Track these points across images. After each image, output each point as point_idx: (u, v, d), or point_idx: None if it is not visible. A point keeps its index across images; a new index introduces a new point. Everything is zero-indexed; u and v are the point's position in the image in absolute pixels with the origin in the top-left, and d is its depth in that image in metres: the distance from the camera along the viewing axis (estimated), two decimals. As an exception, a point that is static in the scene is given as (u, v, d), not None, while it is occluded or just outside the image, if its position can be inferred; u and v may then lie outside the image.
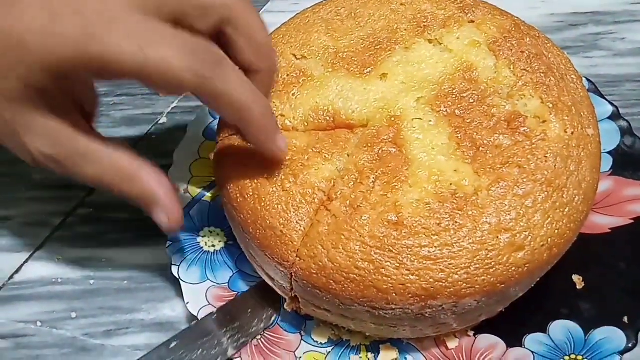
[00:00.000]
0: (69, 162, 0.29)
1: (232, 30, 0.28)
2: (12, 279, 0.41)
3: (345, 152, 0.32)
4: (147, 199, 0.31)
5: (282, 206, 0.31)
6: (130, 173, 0.30)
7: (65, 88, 0.28)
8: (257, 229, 0.32)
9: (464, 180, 0.31)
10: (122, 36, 0.25)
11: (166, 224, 0.31)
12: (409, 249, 0.29)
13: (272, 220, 0.31)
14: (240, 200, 0.32)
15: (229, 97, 0.27)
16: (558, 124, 0.32)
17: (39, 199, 0.44)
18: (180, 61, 0.25)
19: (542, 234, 0.30)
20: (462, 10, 0.36)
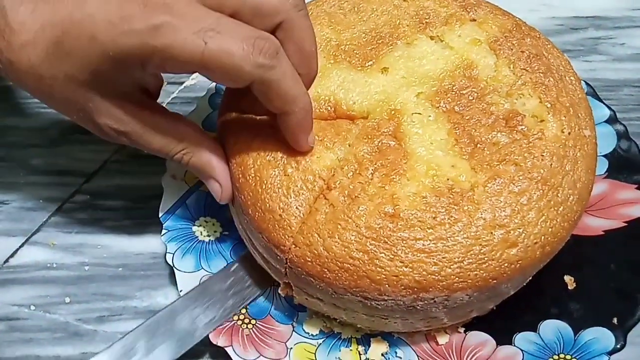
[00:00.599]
0: (136, 136, 0.31)
1: (284, 35, 0.29)
2: (7, 262, 0.41)
3: (347, 142, 0.32)
4: (206, 170, 0.33)
5: (283, 190, 0.31)
6: (193, 144, 0.32)
7: (132, 74, 0.30)
8: (257, 211, 0.32)
9: (461, 176, 0.31)
10: (186, 30, 0.26)
11: (219, 194, 0.33)
12: (404, 241, 0.29)
13: (271, 204, 0.31)
14: (242, 181, 0.33)
15: (282, 88, 0.29)
16: (555, 124, 0.33)
17: (36, 184, 0.44)
18: (240, 52, 0.26)
19: (536, 232, 0.30)
20: (464, 8, 0.36)
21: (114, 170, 0.44)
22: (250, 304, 0.36)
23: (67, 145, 0.46)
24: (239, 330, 0.35)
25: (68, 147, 0.46)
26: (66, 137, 0.46)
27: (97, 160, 0.45)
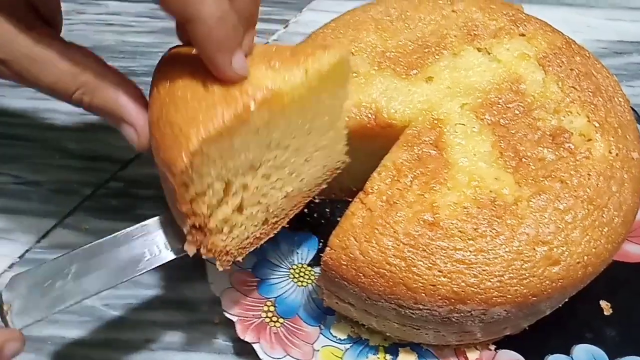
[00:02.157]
0: (19, 65, 0.26)
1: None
2: (39, 243, 0.42)
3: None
4: (114, 111, 0.27)
5: (194, 103, 0.25)
6: (91, 80, 0.26)
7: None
8: (157, 129, 0.26)
9: (505, 189, 0.30)
10: None
11: (135, 139, 0.28)
12: (443, 251, 0.29)
13: (175, 116, 0.25)
14: (155, 94, 0.27)
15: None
16: (603, 144, 0.32)
17: (69, 167, 0.45)
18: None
19: (579, 251, 0.30)
20: (513, 22, 0.36)
21: (149, 159, 0.44)
22: (278, 303, 0.36)
23: (104, 131, 0.47)
24: (266, 328, 0.34)
25: (104, 133, 0.46)
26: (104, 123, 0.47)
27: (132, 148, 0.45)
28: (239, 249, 0.30)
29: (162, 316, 0.38)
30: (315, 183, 0.34)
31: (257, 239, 0.31)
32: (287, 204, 0.32)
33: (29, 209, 0.43)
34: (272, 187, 0.30)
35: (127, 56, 0.52)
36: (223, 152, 0.26)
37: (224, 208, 0.28)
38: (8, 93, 0.50)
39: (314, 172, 0.33)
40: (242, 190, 0.29)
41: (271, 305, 0.36)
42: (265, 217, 0.31)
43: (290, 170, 0.31)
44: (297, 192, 0.32)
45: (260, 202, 0.30)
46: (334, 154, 0.33)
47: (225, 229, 0.29)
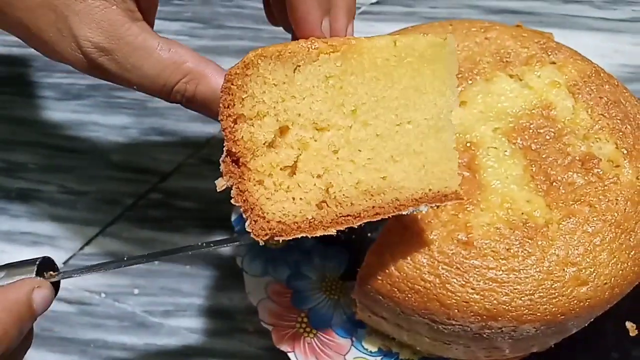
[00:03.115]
0: (122, 56, 0.26)
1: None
2: (83, 249, 0.44)
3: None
4: (216, 100, 0.26)
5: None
6: (195, 69, 0.27)
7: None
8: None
9: (536, 212, 0.32)
10: None
11: None
12: (476, 269, 0.30)
13: None
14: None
15: None
16: (631, 170, 0.33)
17: (114, 178, 0.47)
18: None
19: (607, 272, 0.31)
20: (544, 51, 0.38)
21: (188, 172, 0.47)
22: (311, 314, 0.38)
23: (146, 145, 0.49)
24: (301, 338, 0.36)
25: (146, 146, 0.49)
26: (145, 137, 0.50)
27: (173, 161, 0.48)
28: (280, 222, 0.26)
29: (198, 324, 0.40)
30: (407, 194, 0.28)
31: (307, 222, 0.26)
32: (357, 198, 0.27)
33: (74, 217, 0.45)
34: (338, 164, 0.26)
35: (167, 73, 0.54)
36: (281, 82, 0.25)
37: (272, 155, 0.25)
38: (55, 106, 0.52)
39: (404, 178, 0.28)
40: (299, 146, 0.26)
41: (305, 316, 0.37)
42: (322, 199, 0.26)
43: (367, 156, 0.27)
44: (375, 190, 0.27)
45: (320, 176, 0.26)
46: (437, 172, 0.29)
47: (267, 183, 0.25)
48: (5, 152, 0.49)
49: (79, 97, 0.52)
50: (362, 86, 0.26)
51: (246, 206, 0.25)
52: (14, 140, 0.50)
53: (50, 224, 0.45)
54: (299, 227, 0.26)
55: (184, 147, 0.49)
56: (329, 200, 0.26)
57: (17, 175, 0.48)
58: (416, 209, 0.28)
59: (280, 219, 0.26)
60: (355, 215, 0.27)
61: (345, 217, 0.27)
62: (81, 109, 0.52)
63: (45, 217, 0.45)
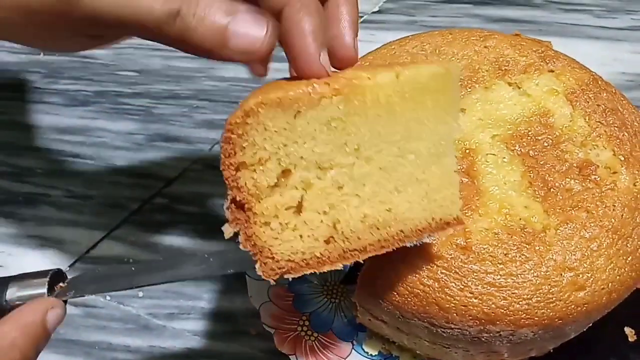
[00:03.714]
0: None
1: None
2: (88, 253, 0.45)
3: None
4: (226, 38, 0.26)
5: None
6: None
7: None
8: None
9: (534, 217, 0.32)
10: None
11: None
12: (475, 274, 0.31)
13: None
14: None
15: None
16: (628, 177, 0.34)
17: (120, 183, 0.48)
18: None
19: (604, 278, 0.31)
20: (542, 59, 0.38)
21: (192, 177, 0.48)
22: (312, 317, 0.38)
23: (151, 150, 0.50)
24: (302, 341, 0.36)
25: (152, 152, 0.50)
26: (151, 143, 0.50)
27: (177, 167, 0.49)
28: (289, 260, 0.26)
29: (202, 326, 0.41)
30: (411, 225, 0.29)
31: (315, 259, 0.27)
32: (364, 232, 0.28)
33: (80, 221, 0.46)
34: (343, 199, 0.27)
35: (172, 80, 0.55)
36: (282, 128, 0.25)
37: (277, 197, 0.25)
38: (62, 112, 0.54)
39: (408, 209, 0.28)
40: (303, 186, 0.26)
41: (306, 319, 0.38)
42: (329, 235, 0.27)
43: (371, 190, 0.27)
44: (381, 224, 0.28)
45: (326, 212, 0.26)
46: (441, 200, 0.29)
47: (274, 225, 0.26)
48: (13, 157, 0.50)
49: (85, 103, 0.53)
50: (365, 125, 0.26)
51: (255, 250, 0.26)
52: (21, 145, 0.51)
53: (56, 227, 0.46)
54: (308, 264, 0.27)
55: (189, 153, 0.49)
56: (336, 236, 0.27)
57: (24, 179, 0.49)
58: (419, 240, 0.29)
59: (289, 257, 0.26)
60: (362, 250, 0.28)
61: (352, 252, 0.27)
62: (88, 115, 0.53)
63: (52, 221, 0.46)
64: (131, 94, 0.54)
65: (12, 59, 0.60)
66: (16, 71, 0.58)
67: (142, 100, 0.54)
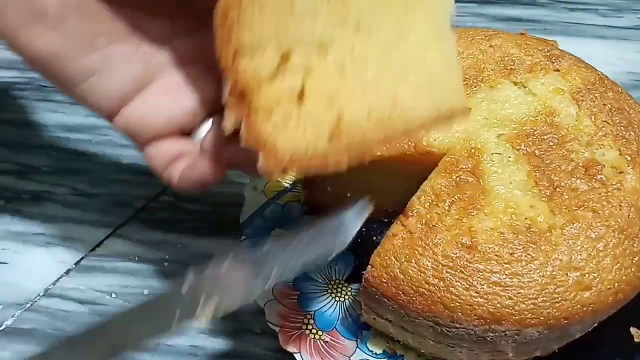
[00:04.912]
0: None
1: None
2: (94, 250, 0.45)
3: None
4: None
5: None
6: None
7: None
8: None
9: (539, 217, 0.32)
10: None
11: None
12: (480, 273, 0.31)
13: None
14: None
15: None
16: (635, 177, 0.34)
17: (126, 181, 0.48)
18: None
19: (610, 278, 0.31)
20: (548, 58, 0.38)
21: (197, 176, 0.48)
22: (317, 316, 0.38)
23: (157, 149, 0.50)
24: (307, 339, 0.37)
25: (157, 151, 0.50)
26: (156, 141, 0.50)
27: (182, 165, 0.49)
28: (294, 157, 0.24)
29: (206, 324, 0.41)
30: (416, 119, 0.27)
31: (319, 157, 0.25)
32: (370, 127, 0.26)
33: (86, 219, 0.46)
34: (346, 85, 0.25)
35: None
36: (282, 7, 0.23)
37: (277, 85, 0.24)
38: (67, 110, 0.54)
39: (412, 100, 0.27)
40: (303, 71, 0.24)
41: (311, 318, 0.38)
42: (333, 130, 0.25)
43: (374, 75, 0.26)
44: (387, 119, 0.26)
45: (330, 103, 0.25)
46: (444, 90, 0.28)
47: (275, 116, 0.24)
48: (18, 154, 0.50)
49: (91, 101, 0.53)
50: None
51: (258, 145, 0.24)
52: (26, 143, 0.51)
53: (62, 225, 0.46)
54: (311, 160, 0.25)
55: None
56: (340, 131, 0.25)
57: (30, 177, 0.49)
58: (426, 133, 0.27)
59: (293, 153, 0.24)
60: (367, 147, 0.26)
61: (356, 149, 0.26)
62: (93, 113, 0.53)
63: (58, 218, 0.46)
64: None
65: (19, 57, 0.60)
66: (22, 69, 0.58)
67: (147, 98, 0.54)
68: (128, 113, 0.30)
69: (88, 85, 0.28)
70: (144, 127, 0.30)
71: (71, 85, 0.29)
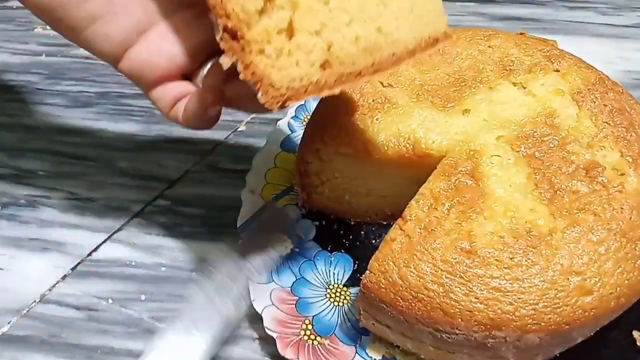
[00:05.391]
0: None
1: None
2: (91, 256, 0.44)
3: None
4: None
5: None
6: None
7: None
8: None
9: (540, 220, 0.32)
10: None
11: None
12: (480, 278, 0.30)
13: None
14: None
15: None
16: (636, 178, 0.33)
17: (122, 185, 0.48)
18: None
19: (612, 282, 0.31)
20: (548, 59, 0.38)
21: (194, 179, 0.48)
22: (315, 321, 0.38)
23: (154, 152, 0.50)
24: (305, 345, 0.36)
25: (154, 153, 0.50)
26: (153, 144, 0.50)
27: (179, 168, 0.48)
28: (290, 87, 0.26)
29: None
30: (402, 46, 0.29)
31: (314, 85, 0.27)
32: (358, 56, 0.28)
33: (83, 223, 0.46)
34: (332, 17, 0.27)
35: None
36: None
37: (266, 21, 0.25)
38: (64, 114, 0.53)
39: (397, 28, 0.29)
40: (290, 5, 0.26)
41: (309, 323, 0.38)
42: (325, 59, 0.27)
43: (358, 4, 0.27)
44: (374, 47, 0.28)
45: (318, 34, 0.26)
46: (426, 16, 0.30)
47: (268, 50, 0.26)
48: (15, 159, 0.50)
49: (88, 104, 0.53)
50: None
51: (255, 79, 0.26)
52: (23, 147, 0.51)
53: (59, 230, 0.46)
54: (307, 90, 0.27)
55: (191, 154, 0.49)
56: (331, 60, 0.27)
57: (26, 182, 0.48)
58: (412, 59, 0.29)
59: (289, 84, 0.26)
60: (357, 74, 0.28)
61: (348, 76, 0.28)
62: (90, 117, 0.53)
63: (54, 223, 0.46)
64: (134, 95, 0.54)
65: (15, 60, 0.60)
66: (18, 72, 0.58)
67: (144, 101, 0.53)
68: (131, 57, 0.32)
69: (92, 31, 0.31)
70: (147, 69, 0.32)
71: (77, 31, 0.31)
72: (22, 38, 0.61)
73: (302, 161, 0.40)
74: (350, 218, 0.43)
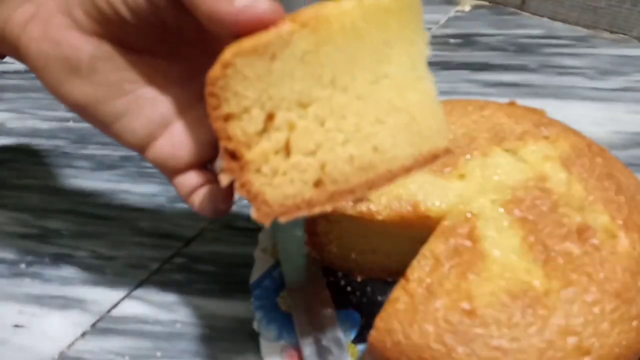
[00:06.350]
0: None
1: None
2: (109, 313, 0.46)
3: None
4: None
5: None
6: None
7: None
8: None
9: (535, 281, 0.33)
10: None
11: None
12: (481, 338, 0.32)
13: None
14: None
15: None
16: (627, 240, 0.35)
17: (141, 244, 0.51)
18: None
19: (610, 343, 0.32)
20: (537, 126, 0.41)
21: (210, 237, 0.50)
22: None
23: (171, 211, 0.53)
24: (314, 404, 0.37)
25: (172, 213, 0.53)
26: (171, 204, 0.53)
27: (195, 227, 0.51)
28: (282, 205, 0.27)
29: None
30: (398, 163, 0.29)
31: (306, 203, 0.28)
32: (352, 174, 0.28)
33: (103, 281, 0.48)
34: (328, 137, 0.27)
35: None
36: (261, 74, 0.26)
37: (265, 143, 0.27)
38: (89, 176, 0.57)
39: (393, 145, 0.29)
40: (287, 128, 0.27)
41: None
42: (318, 177, 0.28)
43: (353, 123, 0.28)
44: (369, 165, 0.28)
45: (314, 153, 0.27)
46: (425, 131, 0.29)
47: (264, 170, 0.27)
48: (41, 219, 0.53)
49: (112, 167, 0.57)
50: (336, 53, 0.27)
51: (249, 196, 0.27)
52: (49, 208, 0.54)
53: (80, 287, 0.48)
54: (299, 207, 0.28)
55: (206, 214, 0.52)
56: (324, 179, 0.28)
57: (51, 241, 0.51)
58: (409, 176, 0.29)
59: (282, 202, 0.27)
60: (350, 191, 0.29)
61: (340, 194, 0.28)
62: (113, 178, 0.56)
63: (76, 281, 0.49)
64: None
65: (44, 126, 0.64)
66: (47, 137, 0.63)
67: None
68: (156, 149, 0.34)
69: (120, 125, 0.34)
70: (171, 161, 0.34)
71: (106, 125, 0.34)
72: (51, 106, 0.66)
73: (312, 222, 0.43)
74: (357, 275, 0.45)
